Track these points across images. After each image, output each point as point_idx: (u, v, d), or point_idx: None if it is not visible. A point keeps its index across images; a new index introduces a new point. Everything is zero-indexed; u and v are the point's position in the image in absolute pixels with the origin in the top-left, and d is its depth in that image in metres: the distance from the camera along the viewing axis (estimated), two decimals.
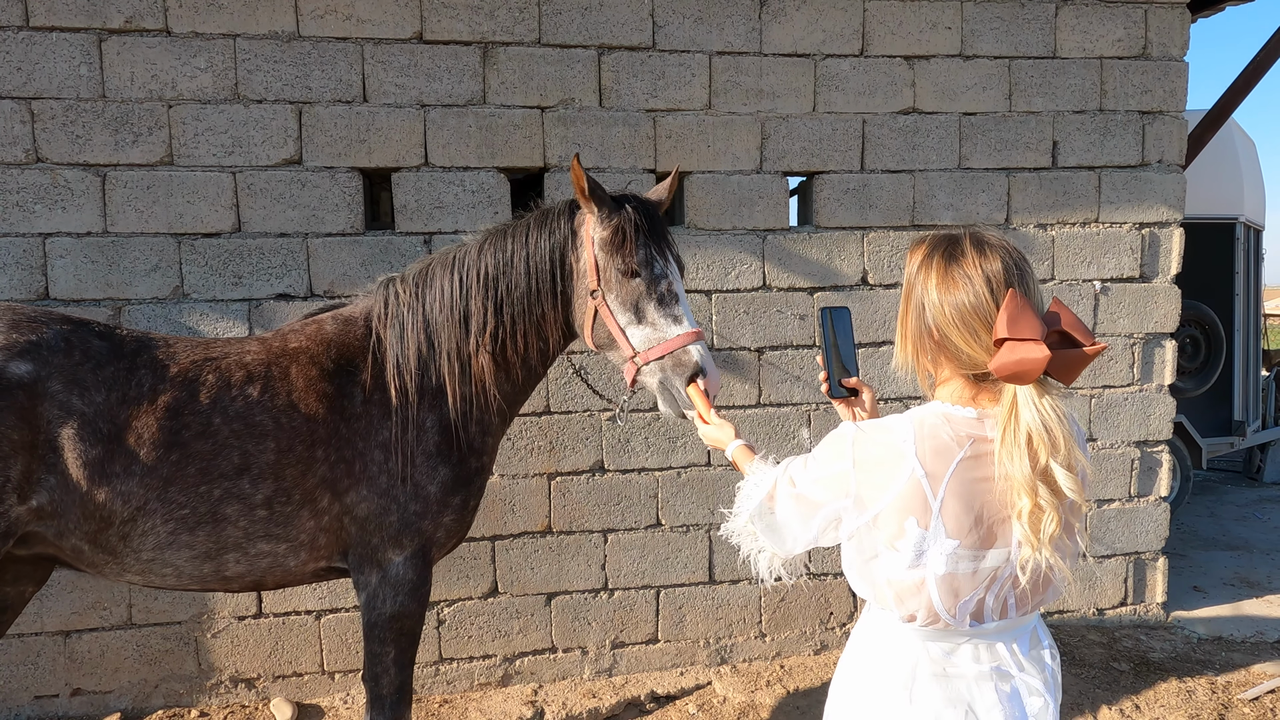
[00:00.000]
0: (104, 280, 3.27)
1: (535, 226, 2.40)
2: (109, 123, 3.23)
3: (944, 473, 1.34)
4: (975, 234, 1.43)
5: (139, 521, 2.14)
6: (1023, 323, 1.29)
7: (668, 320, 2.23)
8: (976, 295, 1.36)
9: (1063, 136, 4.01)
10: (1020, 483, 1.30)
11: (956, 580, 1.37)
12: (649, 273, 2.25)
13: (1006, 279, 1.35)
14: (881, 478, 1.37)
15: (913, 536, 1.35)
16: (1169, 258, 4.16)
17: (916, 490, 1.34)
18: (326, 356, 2.37)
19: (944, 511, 1.34)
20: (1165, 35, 4.04)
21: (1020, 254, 1.42)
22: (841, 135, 3.80)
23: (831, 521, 1.46)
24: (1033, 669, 1.47)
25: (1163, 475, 4.25)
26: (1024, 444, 1.30)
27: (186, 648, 3.42)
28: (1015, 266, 1.38)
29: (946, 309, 1.39)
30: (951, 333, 1.38)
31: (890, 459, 1.36)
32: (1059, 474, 1.29)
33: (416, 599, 2.40)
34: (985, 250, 1.38)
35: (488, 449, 2.49)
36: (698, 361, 2.18)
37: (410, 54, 3.42)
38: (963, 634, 1.43)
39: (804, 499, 1.48)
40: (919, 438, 1.36)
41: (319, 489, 2.28)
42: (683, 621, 3.83)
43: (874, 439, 1.40)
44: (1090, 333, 1.33)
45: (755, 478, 1.64)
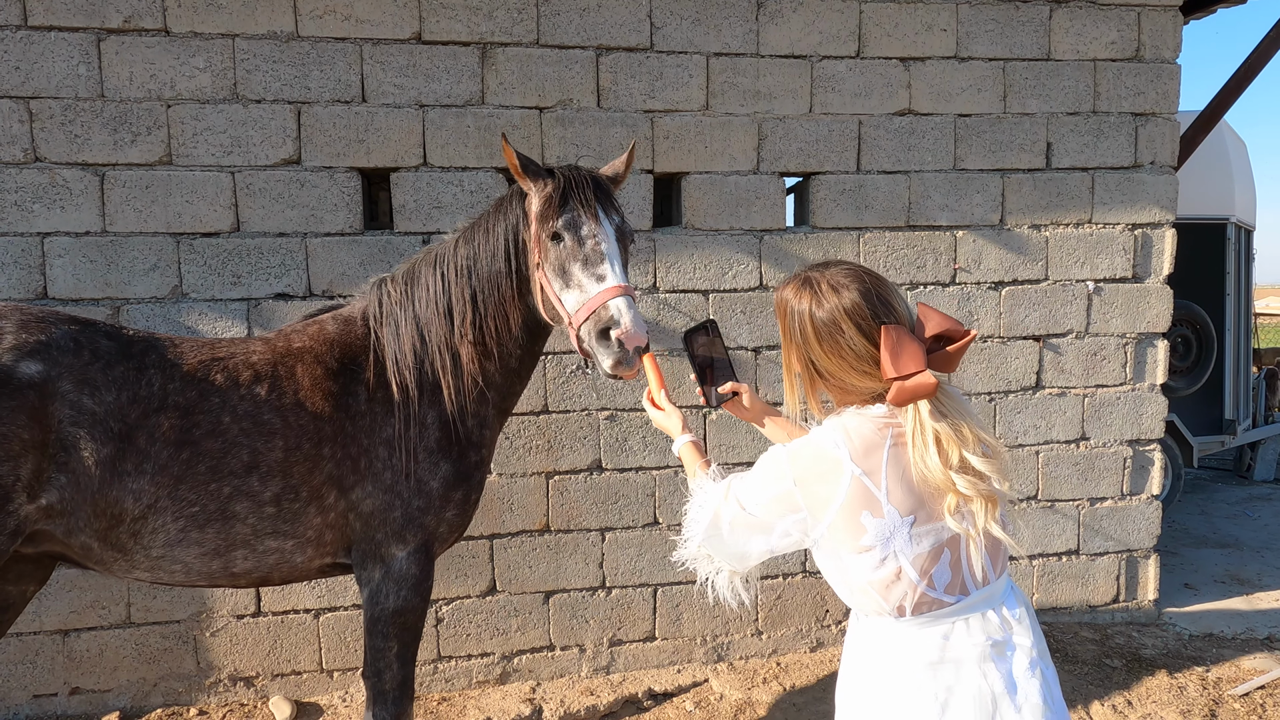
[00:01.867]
0: (103, 280, 3.27)
1: (494, 212, 2.43)
2: (108, 122, 3.23)
3: (879, 465, 1.44)
4: (827, 279, 1.53)
5: (150, 519, 2.15)
6: (904, 356, 1.43)
7: (591, 279, 2.18)
8: (853, 342, 1.48)
9: (1056, 138, 4.05)
10: (939, 481, 1.42)
11: (926, 558, 1.46)
12: (574, 234, 2.22)
13: (874, 315, 1.47)
14: (825, 489, 1.45)
15: (873, 529, 1.44)
16: (1161, 258, 4.20)
17: (861, 489, 1.43)
18: (330, 356, 2.39)
19: (891, 498, 1.44)
20: (1158, 37, 4.08)
21: (872, 277, 1.53)
22: (838, 136, 3.83)
23: (787, 535, 1.52)
24: (1021, 628, 1.53)
25: (1155, 474, 4.29)
26: (933, 445, 1.42)
27: (185, 646, 3.43)
28: (874, 295, 1.50)
29: (834, 359, 1.50)
30: (846, 377, 1.51)
31: (828, 469, 1.45)
32: (974, 462, 1.42)
33: (419, 593, 2.42)
34: (841, 291, 1.50)
35: (486, 443, 2.51)
36: (612, 315, 2.09)
37: (409, 54, 3.43)
38: (952, 612, 1.49)
39: (755, 520, 1.55)
40: (849, 441, 1.45)
41: (325, 486, 2.30)
42: (680, 619, 3.86)
43: (808, 454, 1.49)
44: (957, 322, 1.48)
45: (699, 500, 1.68)
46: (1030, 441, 4.15)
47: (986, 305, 4.04)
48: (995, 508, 1.44)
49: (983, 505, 1.43)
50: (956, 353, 1.47)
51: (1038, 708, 1.46)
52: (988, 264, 4.02)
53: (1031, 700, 1.46)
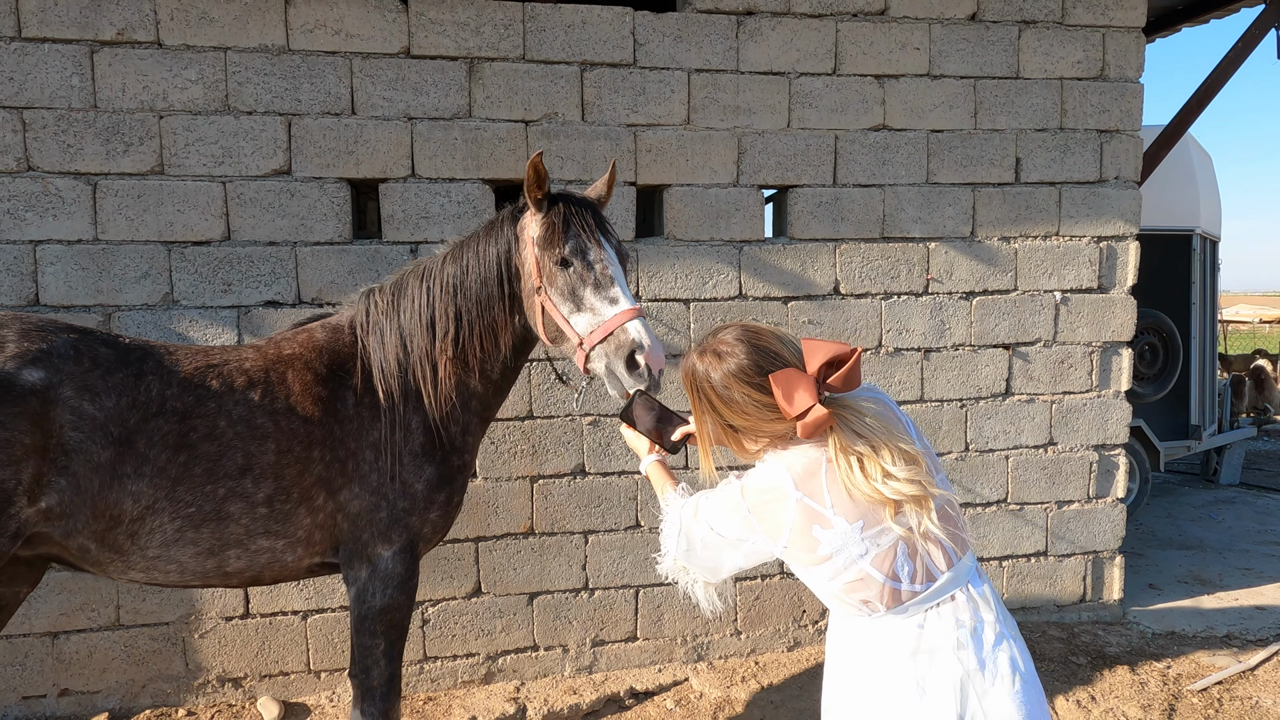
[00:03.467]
0: (94, 287, 3.33)
1: (484, 235, 2.52)
2: (100, 132, 3.30)
3: (820, 487, 1.59)
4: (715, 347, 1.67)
5: (147, 520, 2.22)
6: (796, 396, 1.56)
7: (604, 302, 2.32)
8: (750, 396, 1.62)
9: (1025, 153, 4.20)
10: (870, 494, 1.55)
11: (884, 555, 1.60)
12: (582, 260, 2.34)
13: (760, 369, 1.61)
14: (775, 515, 1.62)
15: (826, 540, 1.60)
16: (1125, 269, 4.36)
17: (806, 510, 1.59)
18: (319, 362, 2.47)
19: (837, 510, 1.58)
20: (1122, 58, 4.24)
21: (754, 332, 1.69)
22: (815, 150, 3.95)
23: (755, 553, 1.70)
24: (986, 605, 1.66)
25: (1120, 477, 4.44)
26: (856, 466, 1.56)
27: (174, 648, 3.49)
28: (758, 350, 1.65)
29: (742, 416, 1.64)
30: (762, 426, 1.65)
31: (776, 499, 1.62)
32: (896, 472, 1.55)
33: (405, 592, 2.50)
34: (727, 358, 1.64)
35: (468, 448, 2.60)
36: (635, 339, 2.24)
37: (398, 68, 3.52)
38: (923, 600, 1.62)
39: (723, 539, 1.73)
40: (790, 471, 1.61)
41: (315, 487, 2.38)
42: (661, 620, 3.95)
43: (757, 488, 1.66)
44: (842, 344, 1.63)
45: (671, 518, 1.87)
46: (1000, 446, 4.29)
47: (958, 315, 4.17)
48: (928, 505, 1.59)
49: (914, 508, 1.58)
50: (849, 372, 1.61)
51: (1007, 678, 1.60)
52: (959, 275, 4.16)
53: (1001, 672, 1.60)
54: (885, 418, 1.64)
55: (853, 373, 1.61)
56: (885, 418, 1.64)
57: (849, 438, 1.59)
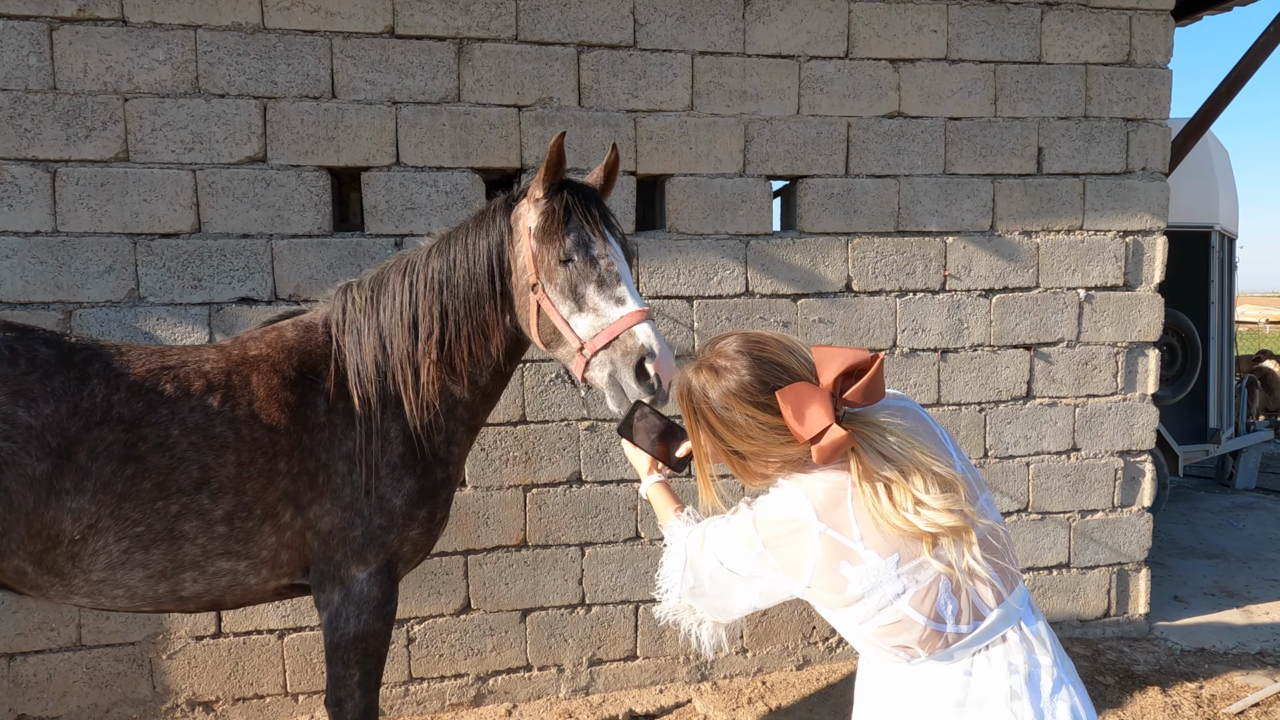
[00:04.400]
0: (53, 282, 3.10)
1: (474, 227, 2.28)
2: (60, 116, 3.06)
3: (846, 516, 1.37)
4: (714, 361, 1.44)
5: (90, 540, 2.00)
6: (809, 416, 1.34)
7: (609, 302, 2.07)
8: (754, 418, 1.39)
9: (1047, 143, 3.97)
10: (900, 526, 1.33)
11: (924, 593, 1.37)
12: (584, 254, 2.10)
13: (765, 385, 1.39)
14: (795, 551, 1.39)
15: (856, 578, 1.36)
16: (1152, 266, 4.13)
17: (831, 543, 1.37)
18: (288, 364, 2.24)
19: (868, 543, 1.36)
20: (1149, 42, 4.02)
21: (757, 343, 1.44)
22: (826, 139, 3.72)
23: (773, 592, 1.47)
24: (1041, 646, 1.44)
25: (1146, 485, 4.21)
26: (883, 493, 1.34)
27: (140, 670, 3.25)
28: (762, 363, 1.41)
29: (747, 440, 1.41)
30: (772, 450, 1.41)
31: (795, 532, 1.39)
32: (929, 501, 1.32)
33: (382, 617, 2.27)
34: (725, 374, 1.41)
35: (453, 459, 2.36)
36: (644, 344, 1.99)
37: (381, 49, 3.29)
38: (970, 642, 1.40)
39: (736, 575, 1.49)
40: (812, 499, 1.38)
41: (281, 503, 2.16)
42: (662, 637, 3.72)
43: (773, 518, 1.42)
44: (860, 350, 1.39)
45: (675, 550, 1.63)
46: (1020, 453, 4.06)
47: (977, 313, 3.95)
48: (969, 537, 1.36)
49: (953, 541, 1.35)
50: (870, 382, 1.37)
51: None
52: (978, 271, 3.93)
53: None
54: (916, 434, 1.41)
55: (874, 384, 1.38)
56: (916, 434, 1.41)
57: (873, 461, 1.37)
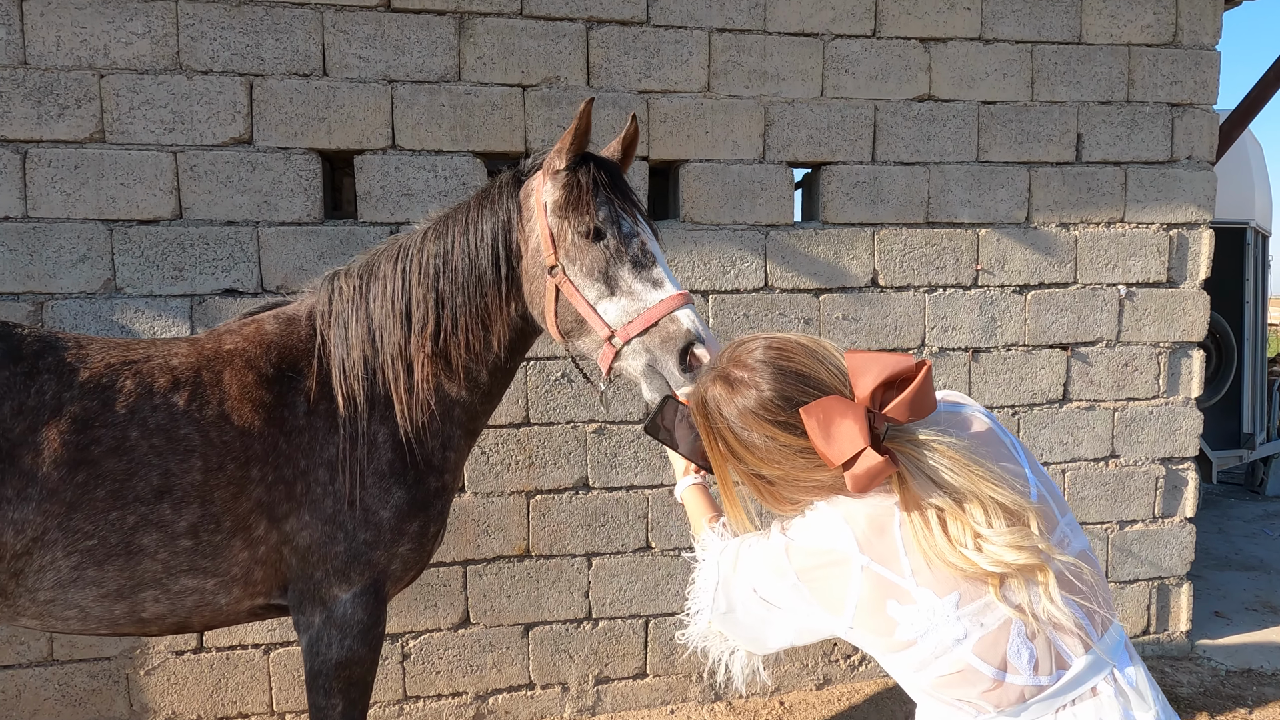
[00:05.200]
0: (24, 271, 2.89)
1: (477, 205, 2.06)
2: (30, 93, 2.85)
3: (894, 547, 1.18)
4: (734, 372, 1.25)
5: (35, 555, 1.79)
6: (837, 439, 1.14)
7: (646, 285, 1.85)
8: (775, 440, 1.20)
9: (1087, 129, 3.72)
10: (958, 565, 1.13)
11: (992, 638, 1.15)
12: (616, 231, 1.88)
13: (788, 401, 1.19)
14: (833, 586, 1.21)
15: (907, 620, 1.17)
16: (1198, 261, 3.88)
17: (878, 580, 1.18)
18: (265, 360, 2.02)
19: (920, 579, 1.16)
20: (1197, 22, 3.77)
21: (781, 350, 1.22)
22: (851, 123, 3.49)
23: (814, 629, 1.29)
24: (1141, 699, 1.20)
25: (1188, 494, 3.96)
26: (936, 526, 1.14)
27: (116, 687, 3.04)
28: (786, 375, 1.19)
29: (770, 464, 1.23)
30: (800, 475, 1.23)
31: (832, 564, 1.21)
32: (991, 536, 1.12)
33: (367, 643, 2.05)
34: (743, 389, 1.22)
35: (449, 466, 2.14)
36: (689, 329, 1.79)
37: (376, 23, 3.07)
38: (1053, 695, 1.17)
39: (769, 603, 1.28)
40: (852, 526, 1.20)
41: (254, 514, 1.94)
42: (674, 654, 3.49)
43: (806, 548, 1.24)
44: (901, 356, 1.16)
45: (707, 569, 1.41)
46: (1056, 459, 3.81)
47: (1011, 310, 3.70)
48: (1045, 577, 1.13)
49: (1023, 583, 1.12)
50: (916, 395, 1.14)
51: None
52: (1012, 265, 3.69)
53: None
54: (974, 453, 1.18)
55: (921, 396, 1.15)
56: (974, 453, 1.18)
57: (920, 487, 1.15)
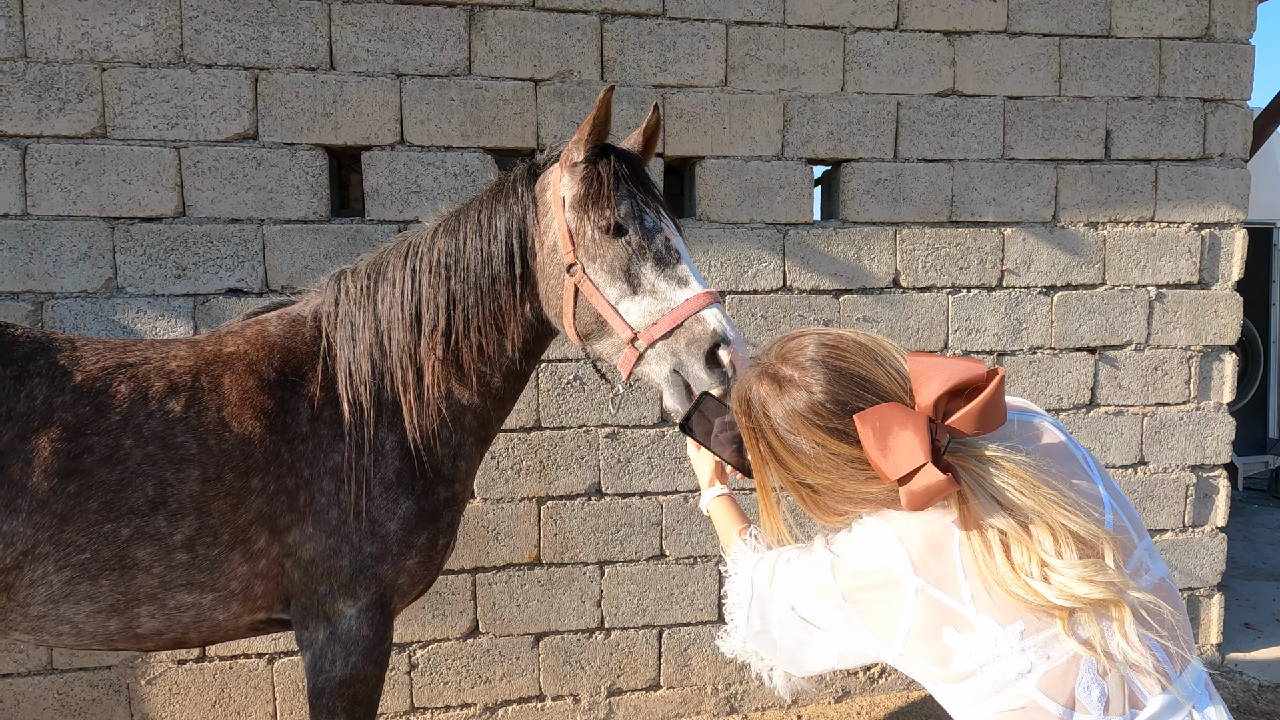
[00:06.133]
0: (23, 270, 2.82)
1: (489, 200, 1.97)
2: (31, 87, 2.78)
3: (953, 569, 1.08)
4: (782, 370, 1.16)
5: (25, 569, 1.71)
6: (894, 451, 1.04)
7: (670, 283, 1.77)
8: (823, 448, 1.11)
9: (1116, 125, 3.60)
10: (1022, 595, 1.04)
11: (1059, 674, 1.04)
12: (639, 226, 1.79)
13: (841, 407, 1.09)
14: (883, 609, 1.12)
15: (964, 650, 1.07)
16: (1230, 262, 3.76)
17: (932, 605, 1.09)
18: (267, 364, 1.93)
19: (980, 605, 1.07)
20: (1230, 14, 3.64)
21: (835, 349, 1.12)
22: (873, 118, 3.38)
23: (859, 652, 1.20)
24: None
25: (1220, 502, 3.84)
26: (999, 550, 1.05)
27: (117, 697, 2.97)
28: (841, 377, 1.09)
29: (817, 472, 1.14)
30: (849, 487, 1.13)
31: (883, 585, 1.12)
32: (1059, 566, 1.02)
33: (373, 660, 1.96)
34: (792, 389, 1.13)
35: (460, 475, 2.04)
36: (716, 329, 1.70)
37: (385, 16, 2.98)
38: None
39: (809, 624, 1.19)
40: (907, 545, 1.11)
41: (254, 526, 1.85)
42: (688, 665, 3.39)
43: (855, 567, 1.15)
44: (974, 362, 1.04)
45: (740, 584, 1.33)
46: None
47: (1037, 312, 3.59)
48: (1121, 613, 1.02)
49: (1095, 617, 1.02)
50: (986, 406, 1.04)
51: None
52: (1039, 266, 3.57)
53: None
54: (1046, 473, 1.07)
55: (991, 408, 1.05)
56: (1046, 473, 1.07)
57: (982, 507, 1.05)
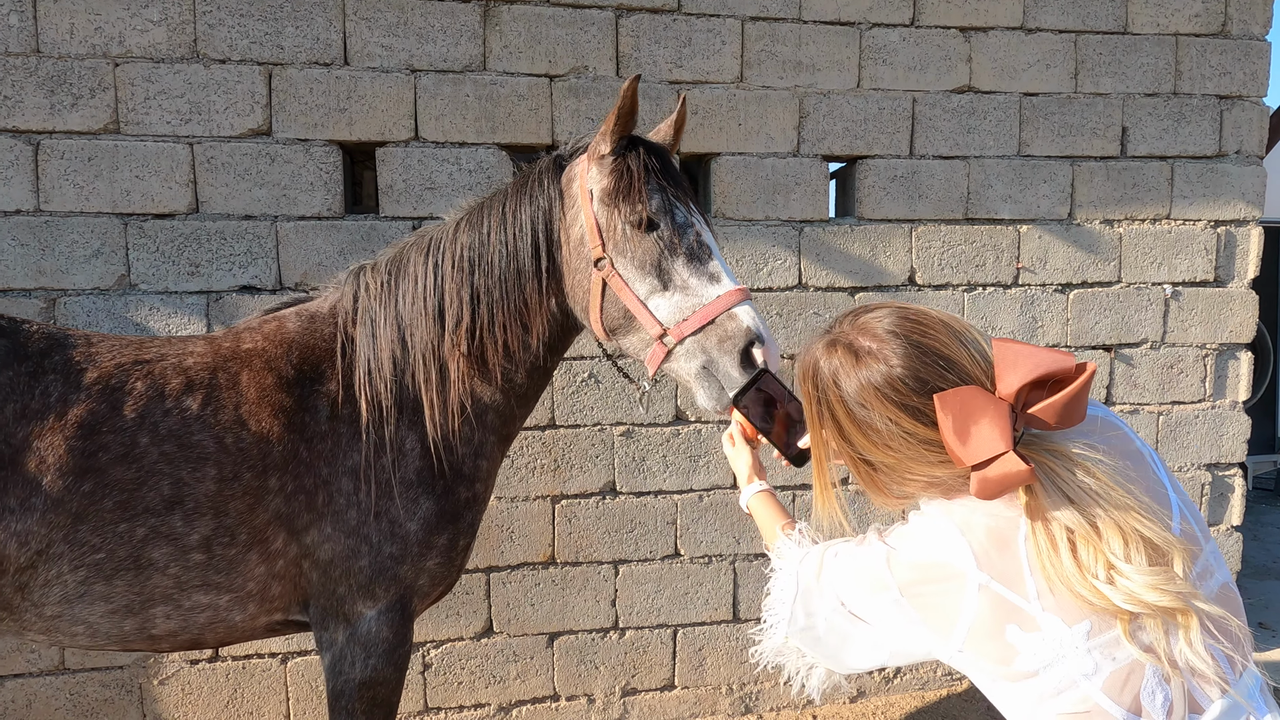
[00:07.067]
0: (35, 267, 2.80)
1: (514, 192, 1.95)
2: (44, 82, 2.76)
3: (1018, 564, 1.05)
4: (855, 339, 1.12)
5: (40, 569, 1.69)
6: (974, 436, 1.00)
7: (702, 279, 1.75)
8: (896, 426, 1.08)
9: (1133, 122, 3.58)
10: (1085, 594, 1.00)
11: (1123, 676, 1.02)
12: (670, 221, 1.78)
13: (921, 384, 1.06)
14: (943, 605, 1.09)
15: (1028, 649, 1.04)
16: (1246, 259, 3.73)
17: (996, 601, 1.06)
18: (286, 361, 1.91)
19: (1047, 603, 1.03)
20: (1246, 11, 3.61)
21: (917, 324, 1.08)
22: (889, 115, 3.35)
23: (909, 651, 1.16)
24: None
25: (1235, 502, 3.81)
26: (1064, 546, 1.01)
27: (129, 697, 2.95)
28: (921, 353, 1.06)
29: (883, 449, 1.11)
30: (914, 468, 1.10)
31: (944, 580, 1.08)
32: (1128, 571, 0.99)
33: (393, 662, 1.94)
34: (868, 360, 1.09)
35: (481, 475, 2.02)
36: (750, 327, 1.70)
37: (399, 11, 2.96)
38: None
39: (859, 619, 1.16)
40: (969, 538, 1.07)
41: (271, 526, 1.83)
42: (703, 665, 3.37)
43: (913, 560, 1.11)
44: (1063, 355, 1.01)
45: (784, 579, 1.29)
46: None
47: (1052, 310, 3.56)
48: (1187, 621, 0.99)
49: (1159, 623, 0.99)
50: (1071, 400, 1.01)
51: None
52: (1054, 263, 3.55)
53: None
54: (1123, 476, 1.04)
55: (1075, 403, 1.02)
56: (1123, 476, 1.04)
57: (1052, 503, 1.02)
